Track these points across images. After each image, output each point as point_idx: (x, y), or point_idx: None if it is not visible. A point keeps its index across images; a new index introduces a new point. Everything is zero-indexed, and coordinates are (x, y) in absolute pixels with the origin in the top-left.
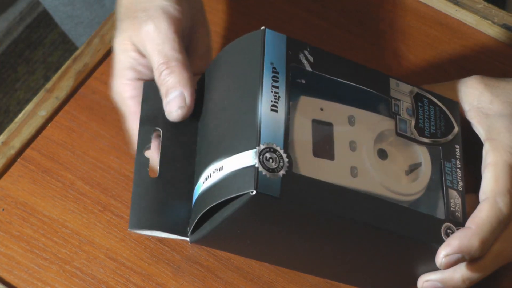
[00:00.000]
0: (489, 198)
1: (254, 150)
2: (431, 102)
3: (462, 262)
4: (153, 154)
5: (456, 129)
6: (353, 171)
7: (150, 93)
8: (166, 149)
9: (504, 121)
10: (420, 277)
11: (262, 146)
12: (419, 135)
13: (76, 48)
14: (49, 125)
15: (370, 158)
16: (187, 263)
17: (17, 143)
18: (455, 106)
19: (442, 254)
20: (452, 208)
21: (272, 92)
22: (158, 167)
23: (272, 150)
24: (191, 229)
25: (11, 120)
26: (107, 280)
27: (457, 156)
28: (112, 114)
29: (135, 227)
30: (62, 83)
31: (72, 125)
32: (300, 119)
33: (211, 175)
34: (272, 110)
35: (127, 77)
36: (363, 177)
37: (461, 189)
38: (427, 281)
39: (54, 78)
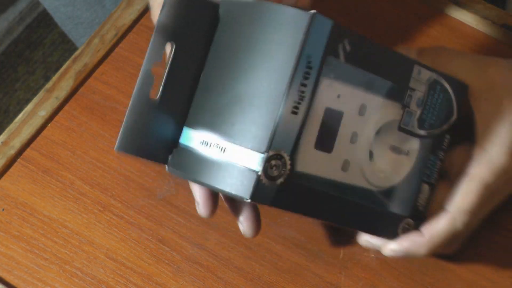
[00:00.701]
0: (450, 213)
1: (262, 155)
2: (442, 89)
3: None
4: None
5: (454, 117)
6: (345, 165)
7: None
8: (173, 68)
9: (503, 132)
10: (363, 235)
11: (270, 153)
12: (418, 127)
13: (76, 48)
14: (49, 125)
15: (364, 152)
16: (187, 263)
17: (17, 143)
18: (463, 91)
19: (390, 248)
20: (417, 203)
21: (298, 91)
22: (161, 87)
23: (278, 157)
24: (174, 168)
25: (11, 120)
26: (107, 280)
27: (443, 147)
28: (112, 114)
29: (122, 149)
30: (62, 83)
31: (72, 125)
32: (315, 107)
33: (210, 145)
34: (292, 112)
35: None
36: (352, 172)
37: (433, 182)
38: (368, 241)
39: (54, 78)
